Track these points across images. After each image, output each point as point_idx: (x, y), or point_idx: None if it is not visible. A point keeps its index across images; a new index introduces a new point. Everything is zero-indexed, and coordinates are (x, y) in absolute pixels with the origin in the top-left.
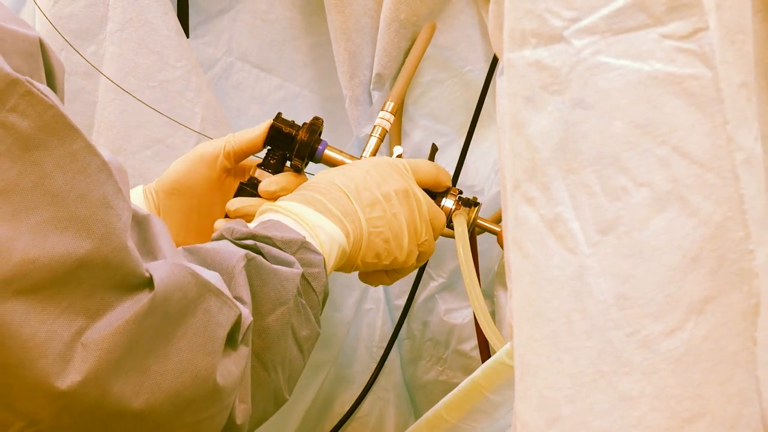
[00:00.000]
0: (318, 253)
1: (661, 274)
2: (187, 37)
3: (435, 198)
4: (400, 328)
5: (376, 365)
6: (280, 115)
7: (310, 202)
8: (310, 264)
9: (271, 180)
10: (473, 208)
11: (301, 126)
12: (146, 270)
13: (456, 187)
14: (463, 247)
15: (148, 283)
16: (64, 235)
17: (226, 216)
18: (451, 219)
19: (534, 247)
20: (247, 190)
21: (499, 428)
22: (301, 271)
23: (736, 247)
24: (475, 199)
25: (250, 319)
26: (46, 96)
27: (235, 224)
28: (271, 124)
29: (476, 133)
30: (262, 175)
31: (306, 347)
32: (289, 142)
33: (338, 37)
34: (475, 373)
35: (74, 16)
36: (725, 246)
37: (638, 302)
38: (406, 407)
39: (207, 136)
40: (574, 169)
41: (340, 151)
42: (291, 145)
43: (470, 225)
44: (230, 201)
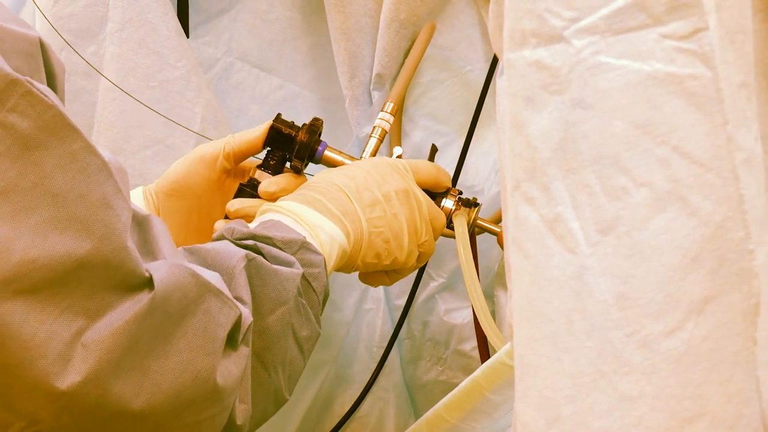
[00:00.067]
0: (318, 254)
1: (661, 274)
2: (187, 37)
3: (435, 198)
4: (400, 328)
5: (376, 365)
6: (279, 116)
7: (310, 202)
8: (311, 264)
9: (271, 181)
10: (473, 208)
11: (300, 127)
12: (146, 270)
13: (456, 188)
14: (464, 247)
15: (148, 283)
16: (64, 235)
17: (226, 217)
18: (451, 219)
19: (534, 247)
20: (247, 191)
21: (499, 428)
22: (302, 271)
23: (736, 247)
24: (475, 199)
25: (251, 320)
26: (45, 96)
27: (236, 224)
28: (270, 125)
29: (476, 133)
30: (262, 176)
31: (306, 347)
32: (289, 143)
33: (338, 37)
34: (475, 373)
35: (74, 16)
36: (725, 246)
37: (638, 302)
38: (406, 407)
39: (206, 137)
40: (574, 169)
41: (340, 152)
42: (291, 146)
43: (470, 225)
44: (230, 202)
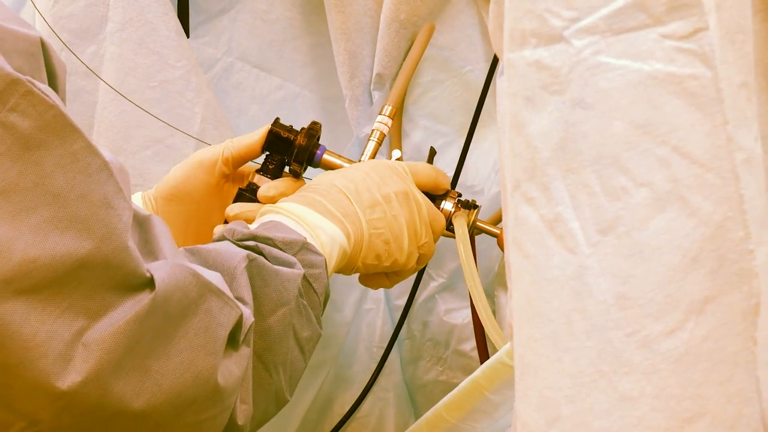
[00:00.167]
0: (319, 254)
1: (661, 274)
2: (187, 37)
3: (434, 201)
4: (400, 328)
5: (376, 365)
6: (278, 120)
7: (310, 204)
8: (312, 265)
9: (270, 185)
10: (473, 210)
11: (299, 131)
12: (147, 270)
13: (455, 190)
14: (465, 248)
15: (149, 283)
16: (65, 235)
17: (226, 222)
18: (451, 221)
19: (534, 247)
20: (246, 195)
21: (499, 428)
22: (303, 272)
23: (736, 247)
24: (474, 201)
25: (252, 320)
26: (46, 96)
27: (236, 225)
28: (269, 129)
29: (476, 133)
30: (261, 181)
31: (307, 348)
32: (288, 147)
33: (338, 37)
34: (475, 373)
35: (74, 16)
36: (725, 246)
37: (638, 302)
38: (406, 407)
39: (205, 142)
40: (574, 169)
41: (339, 156)
42: (289, 150)
43: (470, 227)
44: (229, 207)
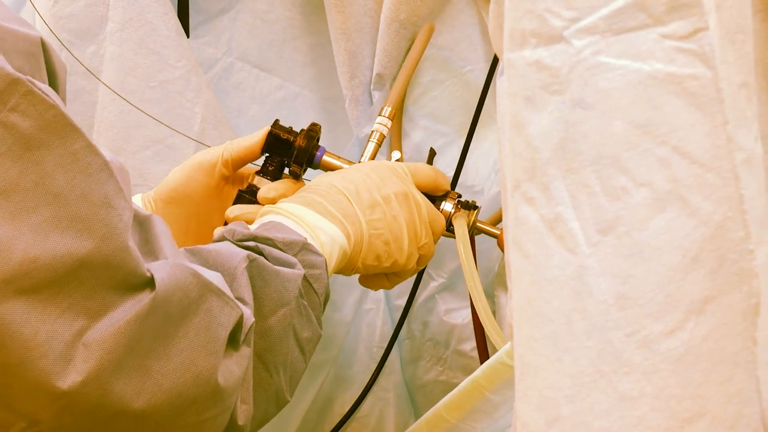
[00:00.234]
0: (319, 255)
1: (661, 274)
2: (187, 37)
3: (434, 202)
4: (400, 328)
5: (376, 365)
6: (277, 121)
7: (310, 204)
8: (312, 265)
9: (270, 187)
10: (472, 211)
11: (298, 132)
12: (147, 270)
13: (455, 191)
14: (465, 248)
15: (150, 283)
16: (65, 235)
17: (226, 224)
18: (451, 222)
19: (534, 247)
20: (246, 197)
21: (499, 428)
22: (303, 272)
23: (736, 247)
24: (474, 202)
25: (252, 320)
26: (47, 96)
27: (236, 226)
28: (268, 131)
29: (476, 133)
30: (261, 183)
31: (307, 349)
32: (287, 148)
33: (338, 37)
34: (475, 373)
35: (74, 16)
36: (725, 246)
37: (638, 302)
38: (406, 407)
39: (204, 144)
40: (574, 169)
41: (339, 157)
42: (289, 152)
43: (470, 228)
44: (229, 209)
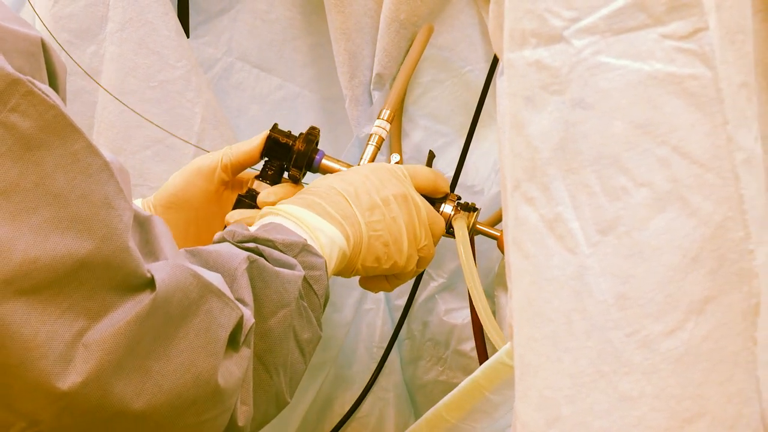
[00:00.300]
0: (319, 256)
1: (661, 274)
2: (187, 37)
3: (434, 204)
4: (400, 328)
5: (376, 365)
6: (276, 125)
7: (310, 206)
8: (312, 267)
9: (270, 191)
10: (472, 213)
11: (297, 136)
12: (148, 271)
13: (454, 193)
14: (465, 249)
15: (150, 283)
16: (65, 236)
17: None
18: (451, 224)
19: (534, 247)
20: (246, 202)
21: (499, 428)
22: (303, 273)
23: (736, 247)
24: (474, 204)
25: (252, 321)
26: (47, 96)
27: (236, 227)
28: (267, 136)
29: (476, 133)
30: (260, 187)
31: (307, 350)
32: (287, 152)
33: (338, 37)
34: (475, 373)
35: (74, 16)
36: (725, 246)
37: (638, 302)
38: (406, 407)
39: (203, 149)
40: (574, 169)
41: (338, 160)
42: (288, 156)
43: (470, 230)
44: (229, 213)
